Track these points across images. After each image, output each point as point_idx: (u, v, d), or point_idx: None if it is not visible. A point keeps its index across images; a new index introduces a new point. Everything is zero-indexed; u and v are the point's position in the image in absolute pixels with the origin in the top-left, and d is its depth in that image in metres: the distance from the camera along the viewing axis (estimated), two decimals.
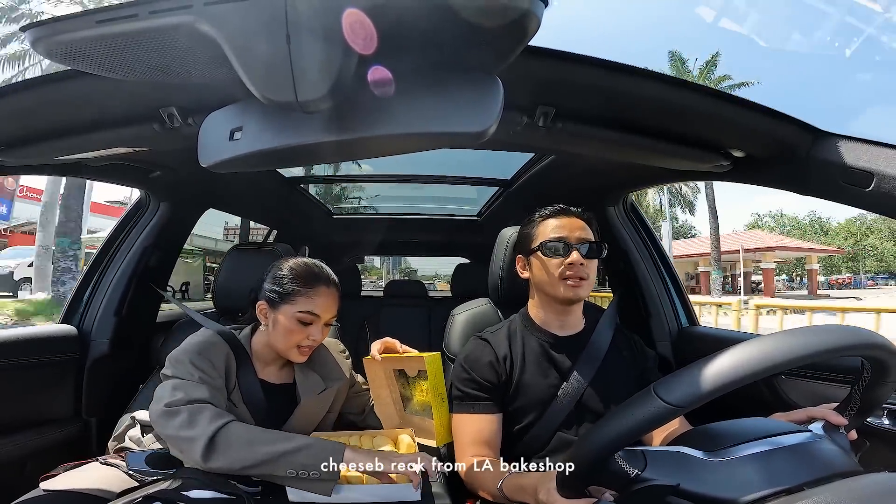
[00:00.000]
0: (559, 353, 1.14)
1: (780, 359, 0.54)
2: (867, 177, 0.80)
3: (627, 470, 0.59)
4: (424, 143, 0.70)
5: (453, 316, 1.46)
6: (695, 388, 0.55)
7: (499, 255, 1.38)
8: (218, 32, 0.51)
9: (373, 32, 0.50)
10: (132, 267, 1.59)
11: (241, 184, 1.90)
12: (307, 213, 2.78)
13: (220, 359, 1.07)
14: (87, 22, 0.51)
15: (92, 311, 1.54)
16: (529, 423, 1.10)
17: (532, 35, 0.52)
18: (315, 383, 1.17)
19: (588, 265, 1.10)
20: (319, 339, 1.10)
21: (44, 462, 1.12)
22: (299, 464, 0.89)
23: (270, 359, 1.16)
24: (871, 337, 0.59)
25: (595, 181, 1.65)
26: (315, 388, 1.16)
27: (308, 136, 0.65)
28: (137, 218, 1.64)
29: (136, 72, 0.59)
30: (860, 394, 0.67)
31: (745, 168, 1.04)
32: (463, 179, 2.35)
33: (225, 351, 1.09)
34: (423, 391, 1.11)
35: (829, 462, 0.60)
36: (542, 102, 0.87)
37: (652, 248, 1.75)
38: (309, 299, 1.08)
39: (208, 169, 0.70)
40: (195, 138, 0.70)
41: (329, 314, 1.11)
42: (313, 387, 1.16)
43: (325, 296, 1.10)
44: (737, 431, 0.63)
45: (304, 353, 1.10)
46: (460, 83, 0.61)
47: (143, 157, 1.34)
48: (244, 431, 0.94)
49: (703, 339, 1.58)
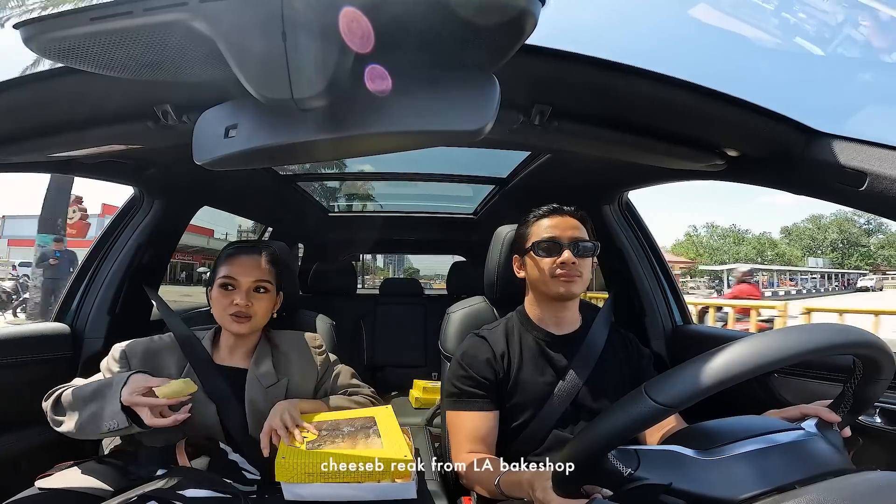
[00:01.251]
0: (555, 352, 1.15)
1: (771, 358, 0.54)
2: (860, 177, 0.81)
3: (620, 469, 0.59)
4: (421, 141, 0.70)
5: (449, 314, 1.46)
6: (685, 387, 0.55)
7: (494, 254, 1.39)
8: (213, 30, 0.51)
9: (370, 31, 0.50)
10: (126, 265, 1.58)
11: (236, 181, 1.89)
12: (303, 210, 2.77)
13: (158, 360, 1.15)
14: (81, 19, 0.50)
15: (85, 309, 1.53)
16: (525, 420, 1.11)
17: (529, 34, 0.52)
18: (266, 375, 1.18)
19: (580, 263, 1.11)
20: (244, 302, 1.13)
21: (38, 461, 1.11)
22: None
23: (230, 343, 1.21)
24: (862, 335, 0.59)
25: (591, 180, 1.66)
26: (265, 380, 1.17)
27: (304, 134, 0.64)
28: (131, 216, 1.63)
29: (130, 69, 0.59)
30: (852, 392, 0.68)
31: (739, 167, 1.04)
32: (459, 178, 2.35)
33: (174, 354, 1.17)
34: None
35: (821, 460, 0.61)
36: (539, 101, 0.87)
37: (647, 247, 1.76)
38: (227, 266, 1.17)
39: (203, 166, 0.69)
40: (190, 136, 0.70)
41: (248, 278, 1.16)
42: (263, 378, 1.17)
43: (242, 263, 1.17)
44: (730, 430, 0.64)
45: (238, 322, 1.14)
46: (457, 81, 0.61)
47: (137, 155, 1.33)
48: (69, 393, 1.03)
49: (697, 338, 1.59)
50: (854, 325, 0.62)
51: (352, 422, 1.10)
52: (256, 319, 1.17)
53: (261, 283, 1.17)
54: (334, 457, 0.95)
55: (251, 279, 1.16)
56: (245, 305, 1.13)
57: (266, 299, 1.18)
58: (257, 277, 1.16)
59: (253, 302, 1.15)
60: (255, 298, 1.16)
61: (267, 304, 1.19)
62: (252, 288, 1.16)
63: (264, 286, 1.18)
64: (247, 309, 1.14)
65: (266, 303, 1.19)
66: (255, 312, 1.15)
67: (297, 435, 1.01)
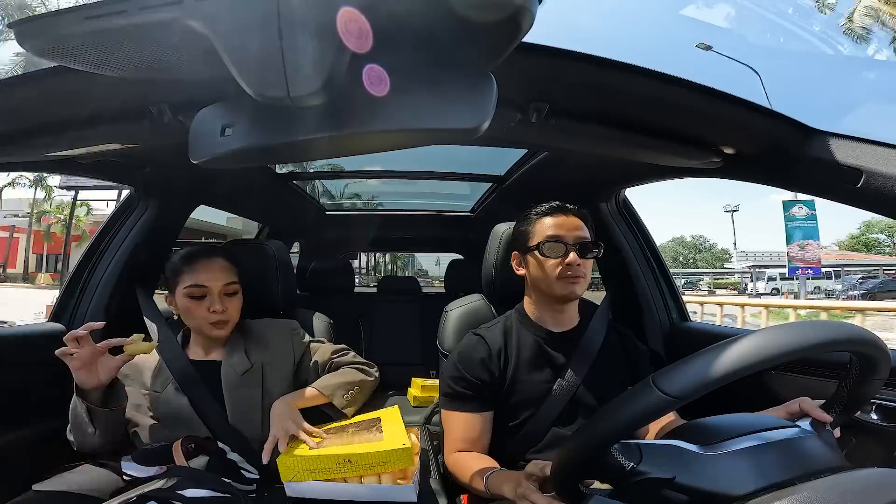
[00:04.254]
0: (554, 350, 1.15)
1: (778, 351, 0.55)
2: (856, 174, 0.81)
3: (623, 463, 0.59)
4: (418, 140, 0.69)
5: (447, 312, 1.46)
6: (694, 379, 0.55)
7: (492, 251, 1.38)
8: (209, 28, 0.50)
9: (367, 30, 0.50)
10: (122, 264, 1.57)
11: (232, 180, 1.88)
12: (299, 209, 2.76)
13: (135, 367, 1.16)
14: (75, 18, 0.50)
15: (81, 309, 1.52)
16: (525, 418, 1.11)
17: (526, 31, 0.51)
18: (239, 362, 1.19)
19: (584, 264, 1.10)
20: (220, 308, 1.14)
21: (35, 462, 1.11)
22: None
23: (202, 341, 1.22)
24: (864, 333, 0.60)
25: (588, 178, 1.66)
26: (238, 367, 1.18)
27: (300, 133, 0.64)
28: (127, 215, 1.62)
29: (125, 68, 0.58)
30: (847, 390, 0.68)
31: (735, 165, 1.05)
32: (456, 175, 2.34)
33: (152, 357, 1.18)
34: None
35: (817, 457, 0.61)
36: (536, 99, 0.87)
37: (644, 244, 1.76)
38: (191, 274, 1.15)
39: (199, 165, 0.69)
40: (185, 135, 0.69)
41: (218, 282, 1.16)
42: (237, 366, 1.18)
43: (206, 268, 1.16)
44: (729, 426, 0.64)
45: (220, 327, 1.16)
46: (454, 79, 0.60)
47: (132, 154, 1.32)
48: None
49: (694, 335, 1.60)
50: (855, 324, 0.63)
51: (358, 424, 1.11)
52: (233, 321, 1.19)
53: (231, 286, 1.18)
54: (335, 452, 0.96)
55: (221, 283, 1.16)
56: (223, 311, 1.15)
57: (238, 299, 1.20)
58: (227, 281, 1.17)
59: (228, 306, 1.16)
60: (228, 302, 1.17)
61: (239, 304, 1.21)
62: (224, 292, 1.17)
63: (234, 288, 1.19)
64: (224, 315, 1.15)
65: (238, 302, 1.20)
66: (231, 316, 1.18)
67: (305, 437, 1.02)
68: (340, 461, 0.94)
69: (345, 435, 1.04)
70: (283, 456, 0.97)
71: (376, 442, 0.98)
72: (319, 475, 0.94)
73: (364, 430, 1.05)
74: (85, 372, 0.98)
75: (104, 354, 0.99)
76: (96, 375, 0.99)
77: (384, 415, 1.15)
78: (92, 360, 0.98)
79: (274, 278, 1.41)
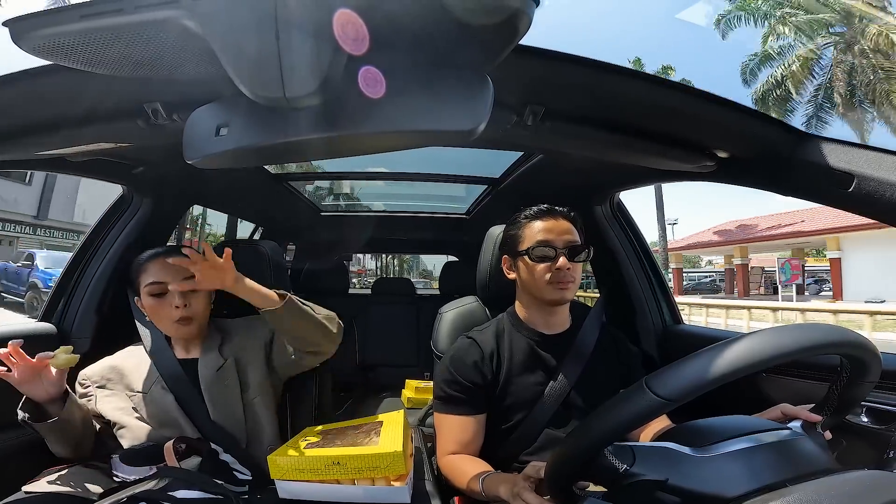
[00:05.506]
0: (546, 352, 1.15)
1: (770, 353, 0.56)
2: (848, 178, 0.82)
3: (616, 465, 0.60)
4: (413, 141, 0.70)
5: (441, 314, 1.46)
6: (687, 381, 0.56)
7: (487, 254, 1.39)
8: (205, 28, 0.50)
9: (364, 33, 0.50)
10: (114, 263, 1.56)
11: (227, 180, 1.87)
12: (294, 209, 2.75)
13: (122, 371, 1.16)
14: (71, 16, 0.50)
15: (72, 308, 1.51)
16: (518, 421, 1.11)
17: (523, 34, 0.52)
18: (213, 359, 1.18)
19: (574, 268, 1.11)
20: (181, 304, 1.12)
21: (25, 463, 1.10)
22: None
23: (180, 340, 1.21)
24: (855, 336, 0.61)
25: (582, 180, 1.66)
26: (212, 364, 1.17)
27: (296, 133, 0.64)
28: (120, 214, 1.61)
29: (120, 67, 0.58)
30: (838, 392, 0.69)
31: (728, 168, 1.05)
32: (451, 177, 2.35)
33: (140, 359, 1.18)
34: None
35: (809, 460, 0.62)
36: (531, 102, 0.87)
37: (638, 247, 1.77)
38: (148, 273, 1.14)
39: (193, 165, 0.69)
40: (180, 134, 0.69)
41: (176, 278, 1.13)
42: (210, 363, 1.17)
43: (161, 265, 1.14)
44: (721, 428, 0.64)
45: (184, 324, 1.14)
46: (450, 81, 0.60)
47: (126, 153, 1.31)
48: None
49: (687, 338, 1.61)
50: (846, 327, 0.64)
51: (358, 426, 1.11)
52: (199, 317, 1.16)
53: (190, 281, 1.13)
54: (325, 453, 0.95)
55: (179, 278, 1.13)
56: (184, 307, 1.12)
57: (202, 295, 1.17)
58: (185, 276, 1.12)
59: (191, 302, 1.14)
60: (191, 298, 1.14)
61: (204, 299, 1.18)
62: (183, 288, 1.13)
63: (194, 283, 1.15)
64: (187, 311, 1.13)
65: (203, 298, 1.17)
66: (195, 312, 1.15)
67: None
68: (330, 463, 0.94)
69: (344, 436, 1.04)
70: (273, 454, 0.97)
71: (369, 445, 0.97)
72: (309, 475, 0.94)
73: (363, 434, 1.05)
74: (28, 386, 0.97)
75: (45, 367, 0.97)
76: (44, 388, 0.98)
77: (388, 419, 1.14)
78: (34, 374, 0.97)
79: (268, 279, 1.41)
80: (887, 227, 0.87)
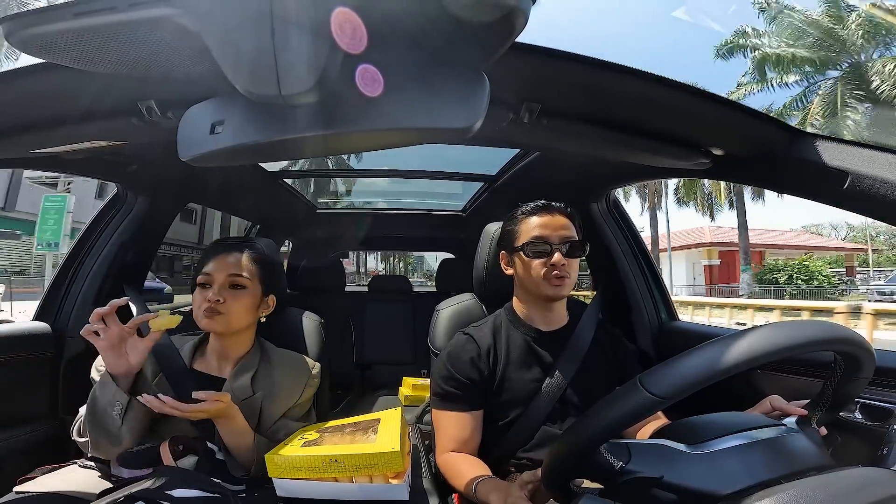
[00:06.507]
0: (543, 348, 1.15)
1: (763, 350, 0.56)
2: (842, 176, 0.82)
3: (612, 462, 0.60)
4: (410, 138, 0.69)
5: (438, 311, 1.46)
6: (680, 379, 0.56)
7: (483, 251, 1.39)
8: (200, 25, 0.50)
9: (362, 31, 0.49)
10: (109, 262, 1.55)
11: (222, 178, 1.86)
12: (290, 207, 2.74)
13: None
14: (64, 14, 0.49)
15: (67, 307, 1.50)
16: (514, 417, 1.12)
17: (519, 31, 0.52)
18: (241, 388, 1.11)
19: (570, 264, 1.11)
20: (216, 298, 1.07)
21: (21, 462, 1.10)
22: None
23: (217, 349, 1.16)
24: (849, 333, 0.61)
25: (579, 178, 1.66)
26: (239, 392, 1.10)
27: (291, 131, 0.63)
28: (114, 212, 1.60)
29: (114, 65, 0.58)
30: (832, 389, 0.69)
31: (724, 166, 1.06)
32: (448, 175, 2.35)
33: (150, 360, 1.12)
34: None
35: (803, 456, 0.62)
36: (528, 99, 0.87)
37: (634, 244, 1.77)
38: (204, 265, 1.13)
39: (188, 163, 0.68)
40: (175, 132, 0.69)
41: (222, 272, 1.11)
42: (238, 391, 1.10)
43: (217, 258, 1.13)
44: (716, 424, 0.65)
45: (209, 317, 1.08)
46: (447, 79, 0.60)
47: (120, 151, 1.30)
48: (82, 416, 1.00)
49: (683, 334, 1.61)
50: (840, 323, 0.64)
51: (356, 424, 1.10)
52: (230, 317, 1.09)
53: (236, 279, 1.11)
54: (322, 452, 0.95)
55: (225, 274, 1.10)
56: (216, 301, 1.07)
57: (244, 297, 1.11)
58: (232, 272, 1.10)
59: (226, 298, 1.08)
60: (228, 294, 1.09)
61: (244, 302, 1.12)
62: (226, 283, 1.10)
63: (240, 283, 1.11)
64: (217, 305, 1.07)
65: (244, 300, 1.11)
66: (228, 309, 1.08)
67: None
68: (327, 461, 0.93)
69: (341, 434, 1.04)
70: (270, 453, 0.97)
71: (366, 444, 0.97)
72: (307, 473, 0.94)
73: (360, 431, 1.05)
74: (113, 354, 0.93)
75: (132, 335, 0.95)
76: (126, 359, 0.95)
77: (385, 416, 1.14)
78: (120, 340, 0.94)
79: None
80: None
